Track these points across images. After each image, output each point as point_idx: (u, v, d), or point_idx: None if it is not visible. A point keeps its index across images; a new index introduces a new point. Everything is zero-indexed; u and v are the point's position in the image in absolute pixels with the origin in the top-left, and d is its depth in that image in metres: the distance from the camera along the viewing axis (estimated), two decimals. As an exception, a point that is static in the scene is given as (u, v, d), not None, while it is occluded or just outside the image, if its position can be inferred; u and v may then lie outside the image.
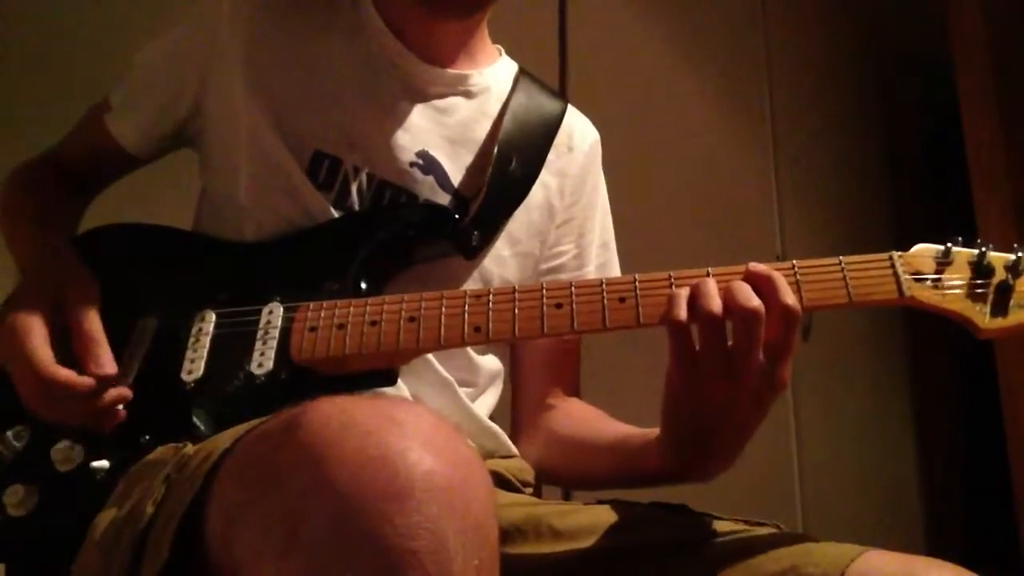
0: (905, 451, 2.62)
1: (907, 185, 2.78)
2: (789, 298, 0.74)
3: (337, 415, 0.55)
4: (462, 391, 0.97)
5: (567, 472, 1.02)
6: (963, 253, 0.79)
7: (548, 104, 1.08)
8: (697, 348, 0.75)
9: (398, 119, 0.98)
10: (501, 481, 0.94)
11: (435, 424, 0.56)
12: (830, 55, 2.73)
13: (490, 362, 1.03)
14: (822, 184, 2.57)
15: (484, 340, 0.81)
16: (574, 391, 1.09)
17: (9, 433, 0.83)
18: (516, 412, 1.08)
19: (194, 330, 0.86)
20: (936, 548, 2.48)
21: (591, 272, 1.08)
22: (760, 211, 2.41)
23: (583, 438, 1.00)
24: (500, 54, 1.12)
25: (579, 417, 1.04)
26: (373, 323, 0.82)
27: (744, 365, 0.73)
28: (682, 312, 0.74)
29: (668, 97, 2.30)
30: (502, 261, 1.00)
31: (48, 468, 0.80)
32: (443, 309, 0.81)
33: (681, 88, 2.34)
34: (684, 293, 0.76)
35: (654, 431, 0.87)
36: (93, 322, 0.83)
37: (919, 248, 0.80)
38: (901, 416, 2.64)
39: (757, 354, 0.73)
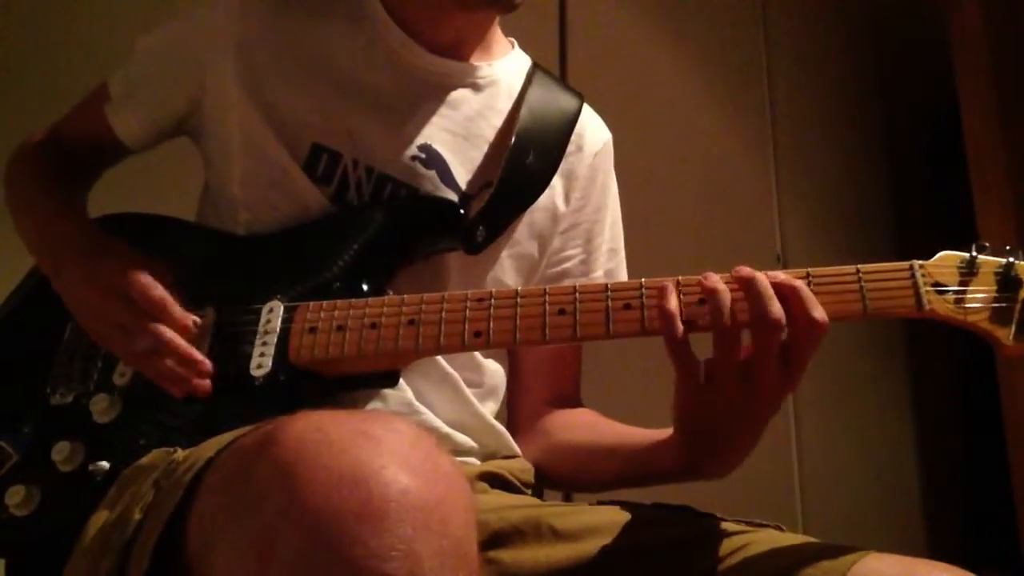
0: (905, 451, 2.62)
1: (907, 185, 2.78)
2: (816, 311, 0.71)
3: (311, 432, 0.54)
4: (468, 390, 0.96)
5: (570, 476, 1.01)
6: (989, 262, 0.74)
7: (565, 100, 1.05)
8: (710, 356, 0.74)
9: (400, 111, 0.96)
10: (502, 482, 0.94)
11: (413, 440, 0.55)
12: (830, 55, 2.73)
13: (495, 367, 1.01)
14: (822, 184, 2.57)
15: (484, 345, 0.80)
16: (574, 395, 1.08)
17: (12, 433, 0.83)
18: (514, 416, 1.06)
19: (194, 328, 0.86)
20: (936, 548, 2.48)
21: (599, 278, 1.05)
22: (760, 211, 2.41)
23: (586, 442, 0.98)
24: (513, 47, 1.09)
25: (579, 421, 1.03)
26: (373, 326, 0.81)
27: (760, 371, 0.72)
28: (679, 329, 0.73)
29: (668, 97, 2.30)
30: (499, 262, 0.98)
31: (50, 468, 0.80)
32: (443, 313, 0.80)
33: (681, 88, 2.34)
34: (674, 304, 0.74)
35: (663, 431, 0.86)
36: (167, 301, 0.83)
37: (941, 256, 0.76)
38: (901, 416, 2.64)
39: (774, 361, 0.72)
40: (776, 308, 0.71)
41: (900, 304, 0.74)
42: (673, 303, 0.74)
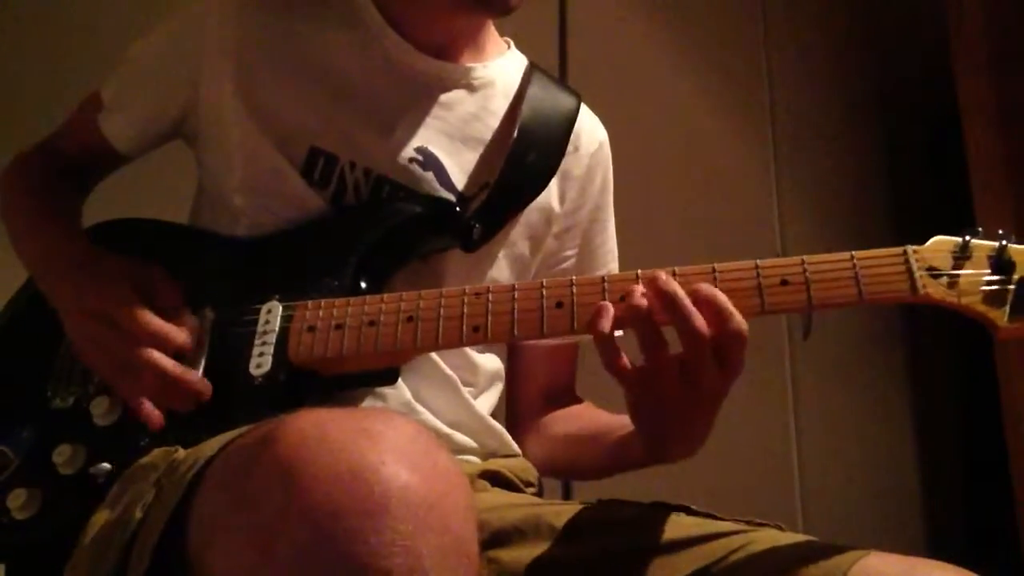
0: (905, 451, 2.62)
1: (907, 184, 2.78)
2: (732, 323, 0.71)
3: (311, 429, 0.54)
4: (464, 389, 0.96)
5: (566, 467, 1.03)
6: (982, 246, 0.74)
7: (564, 99, 1.05)
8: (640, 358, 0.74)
9: (396, 114, 0.96)
10: (502, 481, 0.94)
11: (413, 436, 0.55)
12: (830, 55, 2.73)
13: (490, 361, 1.01)
14: (822, 184, 2.57)
15: (483, 340, 0.80)
16: (570, 390, 1.09)
17: (13, 437, 0.83)
18: (512, 410, 1.07)
19: (193, 329, 0.86)
20: (936, 548, 2.48)
21: None
22: (760, 211, 2.41)
23: (573, 433, 1.01)
24: (509, 47, 1.08)
25: (572, 413, 1.05)
26: (371, 323, 0.81)
27: (698, 373, 0.72)
28: (607, 324, 0.73)
29: (668, 97, 2.30)
30: (496, 261, 0.98)
31: (51, 471, 0.80)
32: (441, 309, 0.80)
33: (681, 88, 2.33)
34: (610, 305, 0.74)
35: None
36: (151, 322, 0.82)
37: (935, 241, 0.76)
38: (901, 416, 2.64)
39: (709, 363, 0.72)
40: (699, 322, 0.71)
41: (895, 289, 0.74)
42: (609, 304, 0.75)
